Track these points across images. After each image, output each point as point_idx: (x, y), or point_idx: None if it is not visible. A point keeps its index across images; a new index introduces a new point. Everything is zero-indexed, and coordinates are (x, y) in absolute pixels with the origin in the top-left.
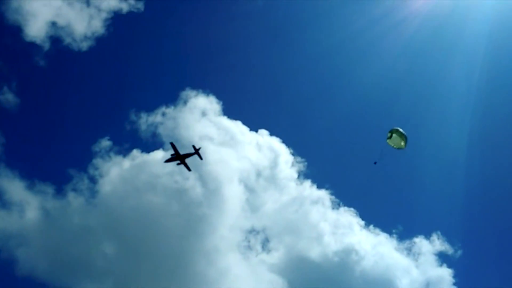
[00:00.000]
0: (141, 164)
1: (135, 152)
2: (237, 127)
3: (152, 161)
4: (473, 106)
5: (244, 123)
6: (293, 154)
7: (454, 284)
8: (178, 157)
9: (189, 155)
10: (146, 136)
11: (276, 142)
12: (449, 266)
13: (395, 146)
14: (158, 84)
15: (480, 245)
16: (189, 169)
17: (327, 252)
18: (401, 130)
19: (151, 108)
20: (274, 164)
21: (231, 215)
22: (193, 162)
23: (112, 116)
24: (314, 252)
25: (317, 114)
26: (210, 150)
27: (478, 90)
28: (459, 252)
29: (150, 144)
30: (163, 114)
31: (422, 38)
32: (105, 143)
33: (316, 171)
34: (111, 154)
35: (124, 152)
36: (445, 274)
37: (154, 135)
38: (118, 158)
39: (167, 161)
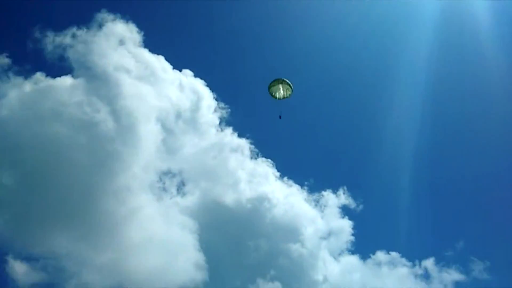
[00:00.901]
0: (45, 89)
1: (39, 75)
2: (159, 63)
3: (58, 88)
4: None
5: (167, 59)
6: (216, 100)
7: (352, 234)
8: None
9: None
10: (52, 58)
11: (200, 85)
12: (350, 219)
13: (278, 96)
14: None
15: (379, 201)
16: None
17: (241, 198)
18: (284, 79)
19: (59, 27)
20: (195, 108)
21: (145, 154)
22: (107, 94)
23: (12, 30)
24: (229, 198)
25: (248, 63)
26: (126, 83)
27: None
28: (360, 207)
29: (56, 68)
30: (73, 36)
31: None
32: (3, 60)
33: (238, 119)
34: (10, 74)
35: (26, 73)
36: (346, 225)
37: (62, 58)
38: (18, 80)
39: None
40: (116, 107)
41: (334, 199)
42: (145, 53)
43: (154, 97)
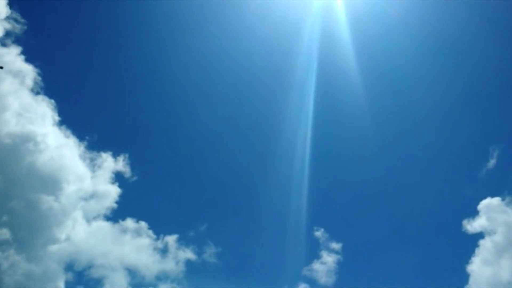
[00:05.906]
0: None
1: None
2: None
3: None
4: None
5: None
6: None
7: (116, 202)
8: None
9: None
10: None
11: None
12: (119, 186)
13: None
14: None
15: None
16: None
17: (1, 129)
18: None
19: None
20: None
21: None
22: None
23: None
24: None
25: None
26: None
27: None
28: (135, 178)
29: None
30: None
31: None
32: None
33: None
34: None
35: None
36: (113, 191)
37: None
38: None
39: None
40: None
41: (111, 163)
42: None
43: None
